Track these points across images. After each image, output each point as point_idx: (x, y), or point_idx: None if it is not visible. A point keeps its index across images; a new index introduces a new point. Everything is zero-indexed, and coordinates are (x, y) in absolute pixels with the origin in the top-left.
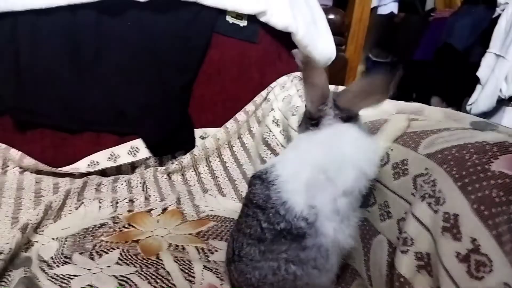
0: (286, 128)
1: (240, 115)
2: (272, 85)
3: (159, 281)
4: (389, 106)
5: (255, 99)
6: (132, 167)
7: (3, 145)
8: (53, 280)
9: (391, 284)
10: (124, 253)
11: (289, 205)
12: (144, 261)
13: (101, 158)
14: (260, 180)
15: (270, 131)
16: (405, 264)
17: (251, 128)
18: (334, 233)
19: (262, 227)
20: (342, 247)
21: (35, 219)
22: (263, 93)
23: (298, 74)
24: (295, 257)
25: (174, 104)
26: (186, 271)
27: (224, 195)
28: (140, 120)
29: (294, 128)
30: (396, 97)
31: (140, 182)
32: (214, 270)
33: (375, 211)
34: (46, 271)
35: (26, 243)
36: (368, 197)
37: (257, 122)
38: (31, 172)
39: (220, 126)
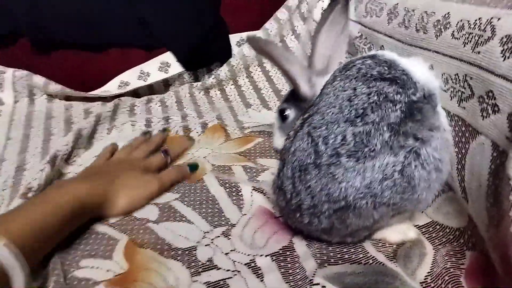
0: None
1: (281, 13)
2: None
3: (204, 206)
4: None
5: None
6: (165, 85)
7: (25, 72)
8: None
9: (494, 197)
10: None
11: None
12: (187, 187)
13: (131, 78)
14: None
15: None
16: None
17: (295, 28)
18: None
19: None
20: None
21: (65, 149)
22: None
23: None
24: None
25: (203, 7)
26: (234, 194)
27: (269, 109)
28: (167, 30)
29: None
30: None
31: (176, 101)
32: (264, 192)
33: (472, 106)
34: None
35: (59, 176)
36: (463, 89)
37: (301, 20)
38: (60, 99)
39: (258, 28)
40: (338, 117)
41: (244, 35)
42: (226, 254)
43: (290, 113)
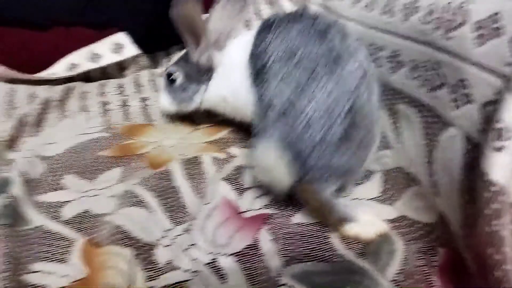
0: None
1: None
2: None
3: (166, 196)
4: None
5: None
6: (120, 69)
7: None
8: (40, 208)
9: (470, 193)
10: (128, 170)
11: None
12: (150, 173)
13: (81, 59)
14: None
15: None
16: (500, 166)
17: (260, 12)
18: None
19: None
20: None
21: (6, 135)
22: None
23: None
24: None
25: None
26: (199, 186)
27: None
28: (120, 7)
29: None
30: None
31: (134, 87)
32: (231, 180)
33: (443, 95)
34: (31, 195)
35: (4, 164)
36: (433, 77)
37: (268, 3)
38: (4, 82)
39: None
40: None
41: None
42: (186, 249)
43: (178, 77)
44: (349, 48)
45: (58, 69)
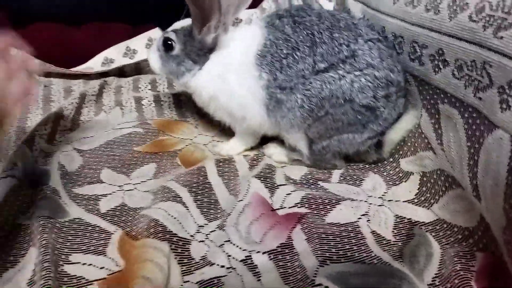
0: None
1: None
2: None
3: (200, 191)
4: None
5: None
6: None
7: None
8: (77, 201)
9: None
10: (162, 167)
11: None
12: (184, 170)
13: (116, 54)
14: None
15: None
16: None
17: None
18: None
19: None
20: None
21: (43, 129)
22: None
23: None
24: None
25: None
26: (232, 183)
27: None
28: (155, 3)
29: None
30: None
31: (167, 83)
32: (262, 178)
33: (490, 96)
34: (69, 188)
35: (44, 157)
36: (480, 78)
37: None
38: (38, 76)
39: (255, 6)
40: None
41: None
42: (221, 246)
43: (175, 47)
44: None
45: (94, 63)
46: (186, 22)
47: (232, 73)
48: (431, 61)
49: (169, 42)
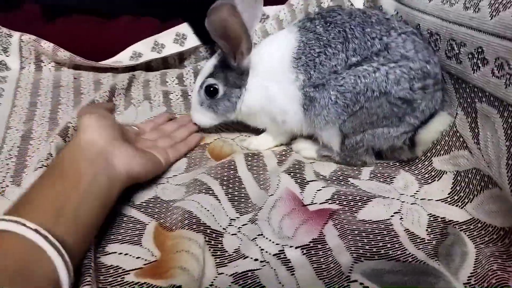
0: None
1: None
2: None
3: (231, 185)
4: None
5: None
6: (180, 59)
7: (33, 36)
8: None
9: None
10: (192, 160)
11: None
12: (215, 163)
13: (144, 49)
14: None
15: (351, 4)
16: None
17: (322, 3)
18: None
19: None
20: None
21: (76, 120)
22: None
23: None
24: None
25: None
26: (261, 178)
27: None
28: None
29: None
30: None
31: (194, 77)
32: (292, 174)
33: None
34: None
35: None
36: None
37: None
38: (68, 68)
39: (282, 3)
40: None
41: (267, 10)
42: (253, 239)
43: (220, 87)
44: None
45: (123, 57)
46: (210, 61)
47: (273, 81)
48: (469, 59)
49: (213, 88)
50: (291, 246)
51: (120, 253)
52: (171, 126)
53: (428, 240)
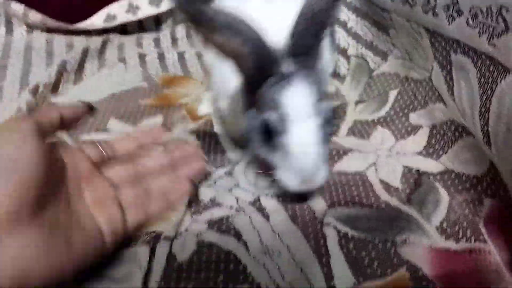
0: None
1: None
2: None
3: (207, 139)
4: None
5: None
6: (156, 22)
7: None
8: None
9: None
10: (169, 119)
11: None
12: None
13: (119, 11)
14: None
15: None
16: None
17: None
18: None
19: None
20: None
21: (47, 79)
22: None
23: None
24: None
25: None
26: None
27: None
28: None
29: None
30: None
31: (171, 41)
32: None
33: (506, 41)
34: (76, 136)
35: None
36: (495, 24)
37: None
38: (41, 31)
39: None
40: None
41: None
42: (229, 190)
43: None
44: None
45: (96, 20)
46: None
47: None
48: (445, 12)
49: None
50: (267, 195)
51: None
52: (160, 157)
53: (402, 189)
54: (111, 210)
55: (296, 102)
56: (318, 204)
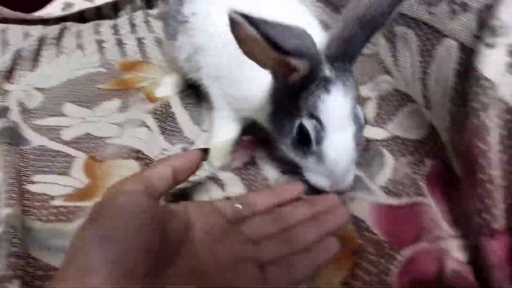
0: None
1: None
2: None
3: (164, 119)
4: None
5: None
6: (115, 10)
7: None
8: (40, 131)
9: (461, 96)
10: (127, 102)
11: None
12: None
13: None
14: None
15: None
16: (491, 62)
17: None
18: None
19: None
20: None
21: (2, 67)
22: None
23: None
24: None
25: None
26: (195, 113)
27: None
28: None
29: None
30: None
31: (130, 27)
32: None
33: (442, 9)
34: (30, 121)
35: (2, 94)
36: None
37: None
38: None
39: None
40: None
41: None
42: None
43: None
44: None
45: (53, 9)
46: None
47: None
48: None
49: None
50: (225, 170)
51: (46, 182)
52: (300, 210)
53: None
54: (249, 270)
55: (336, 111)
56: (272, 172)
